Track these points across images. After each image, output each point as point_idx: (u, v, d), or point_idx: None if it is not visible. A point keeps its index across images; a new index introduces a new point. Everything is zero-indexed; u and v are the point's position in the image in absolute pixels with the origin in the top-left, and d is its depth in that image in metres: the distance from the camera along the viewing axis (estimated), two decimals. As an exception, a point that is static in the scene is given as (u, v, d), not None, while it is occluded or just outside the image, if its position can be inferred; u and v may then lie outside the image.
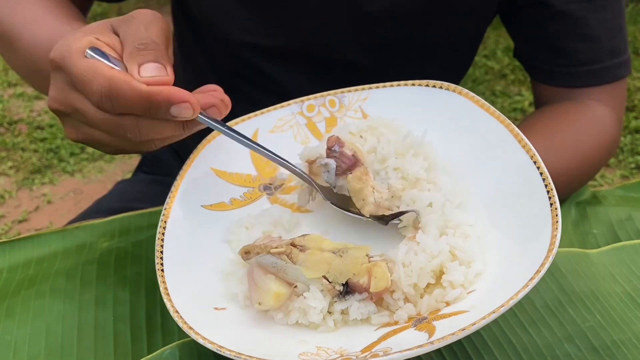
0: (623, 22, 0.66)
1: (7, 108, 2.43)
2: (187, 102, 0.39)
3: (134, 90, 0.38)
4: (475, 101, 0.50)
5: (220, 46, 0.69)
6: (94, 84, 0.38)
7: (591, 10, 0.62)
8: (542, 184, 0.42)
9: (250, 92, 0.72)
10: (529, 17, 0.66)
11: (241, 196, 0.52)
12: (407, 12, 0.63)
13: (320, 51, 0.67)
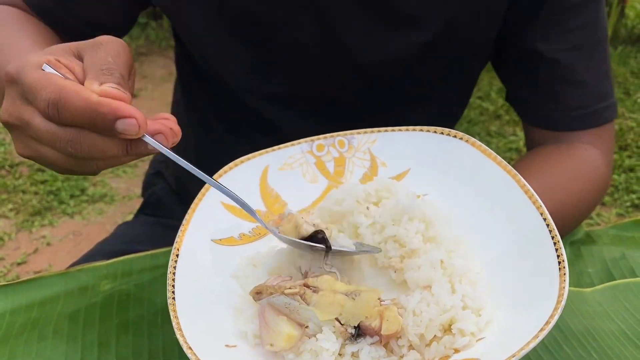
0: (609, 68, 0.68)
1: (9, 151, 2.46)
2: (133, 118, 0.38)
3: (82, 99, 0.37)
4: (482, 150, 0.51)
5: (223, 91, 0.72)
6: (43, 92, 0.38)
7: (578, 58, 0.65)
8: (549, 236, 0.43)
9: (251, 135, 0.74)
10: (519, 64, 0.68)
11: (250, 231, 0.53)
12: (401, 61, 0.65)
13: (318, 96, 0.69)
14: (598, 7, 0.65)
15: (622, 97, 2.76)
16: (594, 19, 0.65)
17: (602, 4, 0.66)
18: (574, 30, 0.64)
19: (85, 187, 2.22)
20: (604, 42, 0.67)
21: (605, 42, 0.67)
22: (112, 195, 2.18)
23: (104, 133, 0.38)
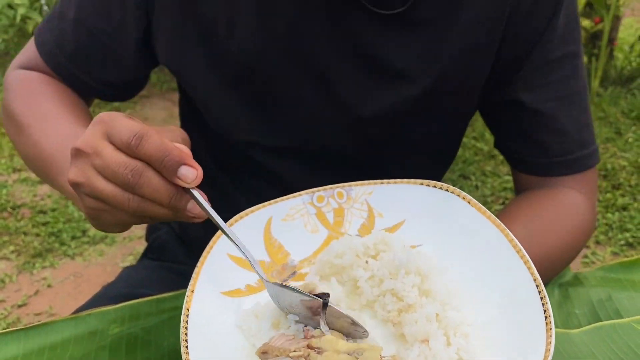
0: (589, 117, 0.72)
1: (11, 193, 2.49)
2: (195, 169, 0.45)
3: (161, 139, 0.44)
4: (473, 204, 0.55)
5: (226, 142, 0.75)
6: (131, 127, 0.44)
7: (560, 108, 0.69)
8: (537, 291, 0.46)
9: (254, 185, 0.77)
10: (505, 114, 0.73)
11: (256, 282, 0.55)
12: (395, 115, 0.69)
13: (318, 149, 0.73)
14: (576, 62, 0.70)
15: (614, 137, 2.83)
16: (573, 72, 0.69)
17: (580, 59, 0.70)
18: (555, 83, 0.68)
19: (86, 228, 2.25)
20: (584, 94, 0.71)
21: (584, 93, 0.71)
22: (112, 236, 2.20)
23: (165, 173, 0.45)
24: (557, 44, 0.67)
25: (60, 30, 0.72)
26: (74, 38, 0.71)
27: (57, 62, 0.72)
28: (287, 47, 0.66)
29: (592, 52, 3.39)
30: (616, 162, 2.60)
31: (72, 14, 0.70)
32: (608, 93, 3.25)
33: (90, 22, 0.70)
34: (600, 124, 2.97)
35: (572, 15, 0.68)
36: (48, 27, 0.73)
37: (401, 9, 0.64)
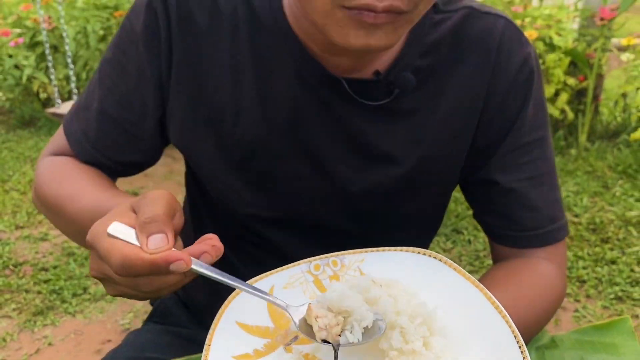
0: (558, 194, 0.79)
1: (14, 250, 2.54)
2: (181, 260, 0.50)
3: (142, 260, 0.50)
4: (458, 271, 0.61)
5: (228, 216, 0.82)
6: (112, 259, 0.50)
7: (531, 187, 0.76)
8: (517, 346, 0.53)
9: (255, 254, 0.84)
10: (481, 192, 0.80)
11: (262, 347, 0.60)
12: (383, 192, 0.77)
13: (312, 220, 0.80)
14: (544, 145, 0.77)
15: (602, 191, 2.91)
16: (543, 154, 0.77)
17: (547, 142, 0.78)
18: (526, 165, 0.76)
19: (87, 285, 2.29)
20: (552, 173, 0.78)
21: (553, 172, 0.78)
22: (113, 293, 2.23)
23: (164, 274, 0.52)
24: (527, 131, 0.75)
25: (86, 120, 0.78)
26: (98, 127, 0.77)
27: (83, 148, 0.78)
28: (286, 134, 0.74)
29: (578, 108, 3.52)
30: (604, 215, 2.67)
31: (96, 105, 0.77)
32: (595, 147, 3.36)
33: (113, 112, 0.76)
34: (589, 178, 3.06)
35: (540, 104, 0.76)
36: (75, 117, 0.80)
37: (385, 101, 0.72)
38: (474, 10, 0.74)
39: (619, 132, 3.53)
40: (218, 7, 0.72)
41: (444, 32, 0.73)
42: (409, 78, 0.71)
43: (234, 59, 0.72)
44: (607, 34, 3.33)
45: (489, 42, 0.73)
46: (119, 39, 0.76)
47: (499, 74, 0.73)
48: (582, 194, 2.88)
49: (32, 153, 3.78)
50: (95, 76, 0.79)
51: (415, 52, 0.72)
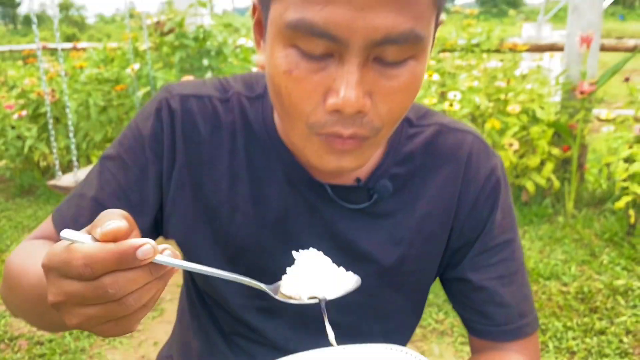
0: (527, 290, 0.86)
1: (9, 323, 2.56)
2: (147, 243, 0.47)
3: (104, 250, 0.46)
4: None
5: (222, 308, 0.88)
6: (73, 261, 0.46)
7: (501, 285, 0.82)
8: None
9: (246, 346, 0.89)
10: (455, 289, 0.86)
11: None
12: (366, 286, 0.82)
13: (301, 310, 0.86)
14: (512, 246, 0.84)
15: (589, 259, 2.97)
16: (511, 255, 0.84)
17: (515, 243, 0.85)
18: (495, 265, 0.83)
19: (82, 359, 2.29)
20: (521, 271, 0.85)
21: (521, 271, 0.85)
22: (107, 367, 2.24)
23: (131, 266, 0.47)
24: (496, 234, 0.82)
25: (78, 207, 0.79)
26: (91, 215, 0.76)
27: None
28: (276, 232, 0.81)
29: (564, 176, 3.63)
30: (592, 284, 2.72)
31: (91, 194, 0.78)
32: (582, 215, 3.45)
33: (108, 203, 0.78)
34: (576, 246, 3.12)
35: (507, 210, 0.84)
36: (66, 205, 0.80)
37: (366, 205, 0.80)
38: (444, 126, 0.83)
39: (605, 199, 3.63)
40: (219, 119, 0.80)
41: (418, 145, 0.82)
42: (386, 185, 0.80)
43: (232, 165, 0.80)
44: (588, 106, 3.49)
45: (459, 155, 0.82)
46: (125, 138, 0.82)
47: (468, 184, 0.82)
48: (571, 263, 2.94)
49: (31, 222, 3.83)
50: (94, 169, 0.83)
51: (392, 161, 0.81)
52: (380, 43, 0.57)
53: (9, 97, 4.51)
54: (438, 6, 0.62)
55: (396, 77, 0.61)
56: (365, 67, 0.59)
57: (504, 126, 3.36)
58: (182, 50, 3.86)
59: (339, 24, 0.56)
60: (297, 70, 0.61)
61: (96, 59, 4.62)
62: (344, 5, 0.55)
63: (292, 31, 0.59)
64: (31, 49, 5.82)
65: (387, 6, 0.56)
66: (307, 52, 0.60)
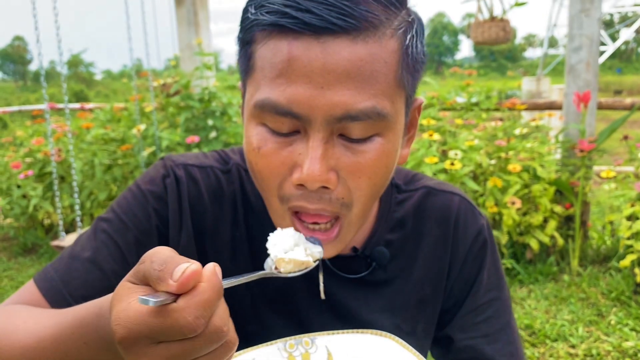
0: (515, 348, 0.85)
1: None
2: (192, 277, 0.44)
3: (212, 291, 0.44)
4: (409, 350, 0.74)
5: None
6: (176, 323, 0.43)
7: (486, 343, 0.82)
8: None
9: None
10: (443, 347, 0.86)
11: None
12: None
13: None
14: (499, 303, 0.84)
15: (596, 319, 2.92)
16: (497, 312, 0.84)
17: (501, 300, 0.85)
18: (481, 323, 0.83)
19: None
20: (507, 328, 0.84)
21: (507, 327, 0.84)
22: None
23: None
24: (483, 293, 0.84)
25: (69, 269, 0.75)
26: (84, 276, 0.74)
27: (58, 295, 0.72)
28: (275, 306, 0.81)
29: (568, 233, 3.62)
30: (601, 346, 2.67)
31: (86, 255, 0.75)
32: (587, 273, 3.41)
33: (105, 265, 0.75)
34: (583, 306, 3.08)
35: (493, 268, 0.85)
36: (52, 267, 0.76)
37: (364, 274, 0.81)
38: (431, 189, 0.86)
39: (609, 256, 3.61)
40: (222, 189, 0.82)
41: (408, 209, 0.84)
42: (383, 252, 0.81)
43: (233, 236, 0.82)
44: (588, 163, 3.52)
45: (448, 217, 0.84)
46: (124, 200, 0.80)
47: (457, 245, 0.84)
48: (578, 323, 2.89)
49: (32, 282, 3.82)
50: (88, 232, 0.81)
51: (385, 228, 0.83)
52: (341, 119, 0.60)
53: (16, 157, 4.59)
54: (405, 87, 0.64)
55: (362, 153, 0.63)
56: (329, 142, 0.62)
57: (505, 184, 3.38)
58: (188, 111, 3.95)
59: (301, 102, 0.59)
60: (265, 147, 0.64)
61: (103, 119, 4.72)
62: (304, 85, 0.59)
63: (259, 110, 0.62)
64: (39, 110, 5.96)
65: (345, 84, 0.59)
66: (275, 130, 0.63)
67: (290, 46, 0.58)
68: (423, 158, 3.30)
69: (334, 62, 0.58)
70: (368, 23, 0.59)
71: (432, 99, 4.18)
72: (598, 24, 3.56)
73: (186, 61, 4.45)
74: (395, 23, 0.61)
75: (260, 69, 0.62)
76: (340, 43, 0.58)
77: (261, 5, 0.61)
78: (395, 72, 0.62)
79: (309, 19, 0.57)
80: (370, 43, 0.59)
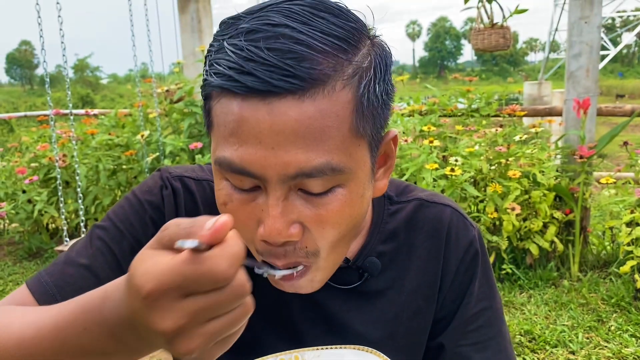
0: (503, 356, 0.87)
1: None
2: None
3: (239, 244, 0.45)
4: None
5: None
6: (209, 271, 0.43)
7: (475, 350, 0.85)
8: None
9: None
10: (432, 355, 0.88)
11: None
12: None
13: None
14: (490, 312, 0.87)
15: (596, 325, 2.94)
16: (487, 322, 0.86)
17: (492, 310, 0.87)
18: (472, 332, 0.86)
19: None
20: (497, 337, 0.87)
21: (498, 336, 0.87)
22: None
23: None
24: (474, 303, 0.86)
25: (63, 274, 0.75)
26: (79, 282, 0.74)
27: (53, 301, 0.70)
28: (271, 319, 0.84)
29: (568, 239, 3.64)
30: (600, 352, 2.69)
31: (82, 261, 0.76)
32: (587, 278, 3.43)
33: (100, 272, 0.76)
34: (583, 312, 3.10)
35: (484, 278, 0.88)
36: (46, 272, 0.76)
37: (357, 284, 0.83)
38: (423, 201, 0.88)
39: (610, 262, 3.62)
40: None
41: (400, 221, 0.86)
42: (374, 262, 0.83)
43: None
44: (588, 169, 3.54)
45: (439, 229, 0.86)
46: (121, 209, 0.81)
47: (449, 256, 0.86)
48: (578, 329, 2.91)
49: (37, 286, 3.85)
50: (84, 239, 0.82)
51: (377, 240, 0.85)
52: (295, 177, 0.60)
53: (21, 162, 4.63)
54: (365, 134, 0.63)
55: (324, 206, 0.63)
56: (289, 198, 0.62)
57: (505, 190, 3.41)
58: (191, 117, 3.99)
59: (253, 162, 0.59)
60: (231, 203, 0.65)
61: (107, 124, 4.76)
62: (255, 145, 0.58)
63: (219, 167, 0.63)
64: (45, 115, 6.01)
65: (295, 144, 0.58)
66: (237, 186, 0.64)
67: (239, 107, 0.58)
68: (423, 164, 3.33)
69: (281, 122, 0.57)
70: (314, 80, 0.57)
71: (433, 105, 4.21)
72: (598, 31, 3.59)
73: (190, 68, 4.50)
74: (347, 72, 0.60)
75: (217, 125, 0.62)
76: (287, 103, 0.57)
77: (211, 64, 0.62)
78: (350, 123, 0.60)
79: (251, 82, 0.56)
80: (318, 100, 0.58)
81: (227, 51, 0.59)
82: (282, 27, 0.58)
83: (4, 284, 3.96)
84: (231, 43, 0.59)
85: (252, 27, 0.59)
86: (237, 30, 0.60)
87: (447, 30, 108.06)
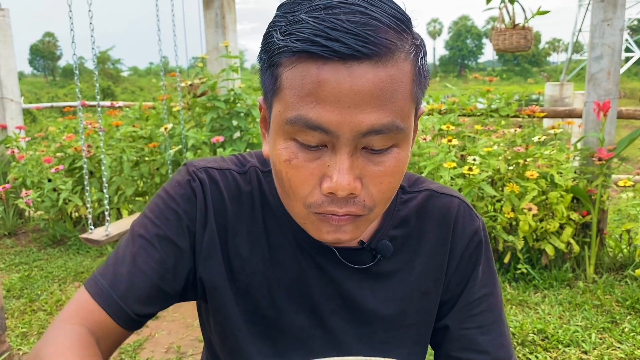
0: (505, 340, 0.93)
1: None
2: None
3: None
4: None
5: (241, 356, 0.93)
6: None
7: (479, 333, 0.91)
8: None
9: None
10: (439, 337, 0.94)
11: None
12: (372, 339, 0.90)
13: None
14: (492, 298, 0.93)
15: (610, 326, 2.96)
16: (489, 307, 0.92)
17: (494, 296, 0.93)
18: (476, 315, 0.92)
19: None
20: (499, 321, 0.93)
21: (499, 321, 0.93)
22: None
23: None
24: (477, 288, 0.93)
25: (115, 274, 0.83)
26: (130, 279, 0.83)
27: (108, 299, 0.82)
28: (290, 293, 0.90)
29: (584, 240, 3.65)
30: (613, 353, 2.71)
31: (128, 260, 0.84)
32: (602, 280, 3.44)
33: (147, 269, 0.83)
34: (597, 313, 3.12)
35: (487, 266, 0.94)
36: (100, 274, 0.84)
37: (370, 265, 0.90)
38: (433, 192, 0.95)
39: (626, 264, 3.63)
40: (240, 189, 0.91)
41: (411, 209, 0.93)
42: (387, 245, 0.90)
43: (250, 232, 0.91)
44: (606, 172, 3.54)
45: (448, 217, 0.93)
46: (156, 207, 0.89)
47: (455, 243, 0.93)
48: (591, 330, 2.93)
49: (61, 272, 3.97)
50: (126, 239, 0.89)
51: (390, 225, 0.91)
52: (366, 134, 0.69)
53: (47, 152, 4.76)
54: (416, 102, 0.74)
55: (382, 163, 0.72)
56: (354, 155, 0.71)
57: (523, 190, 3.43)
58: (214, 111, 4.06)
59: (330, 120, 0.68)
60: (296, 160, 0.72)
61: (132, 117, 4.86)
62: (333, 104, 0.67)
63: (290, 126, 0.70)
64: (71, 106, 6.15)
65: (370, 105, 0.67)
66: (304, 144, 0.71)
67: (319, 70, 0.66)
68: (441, 163, 3.37)
69: (359, 84, 0.66)
70: (387, 49, 0.67)
71: (453, 104, 4.24)
72: (620, 33, 3.59)
73: (213, 63, 4.57)
74: (407, 47, 0.69)
75: (288, 88, 0.69)
76: (365, 67, 0.66)
77: (289, 32, 0.68)
78: (410, 90, 0.70)
79: (337, 47, 0.65)
80: (389, 66, 0.67)
81: (309, 22, 0.67)
82: (355, 5, 0.66)
83: (30, 269, 4.08)
84: (311, 16, 0.67)
85: (329, 3, 0.67)
86: (312, 7, 0.68)
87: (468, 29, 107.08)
